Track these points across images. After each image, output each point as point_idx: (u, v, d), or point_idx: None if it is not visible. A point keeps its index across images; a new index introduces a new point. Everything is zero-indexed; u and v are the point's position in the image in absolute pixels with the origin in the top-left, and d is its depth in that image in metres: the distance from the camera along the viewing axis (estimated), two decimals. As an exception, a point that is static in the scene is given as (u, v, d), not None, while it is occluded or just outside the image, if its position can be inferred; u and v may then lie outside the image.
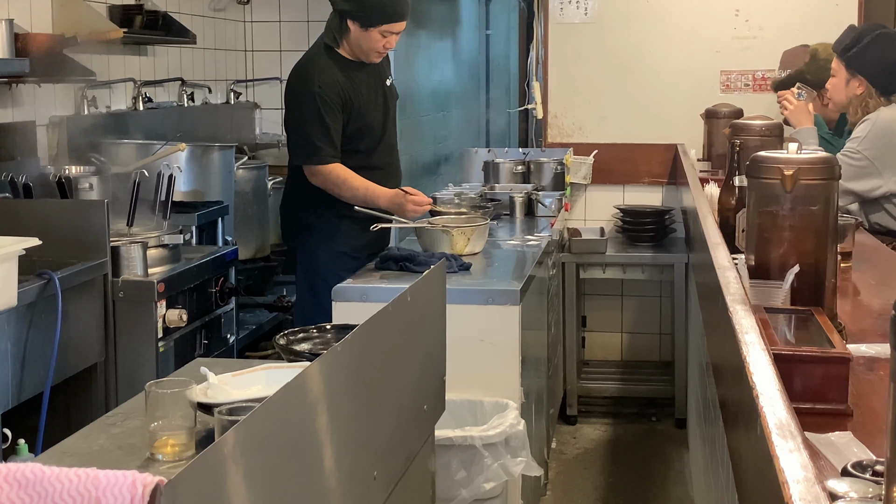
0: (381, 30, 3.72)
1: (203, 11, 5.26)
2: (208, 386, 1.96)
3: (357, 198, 3.75)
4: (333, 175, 3.74)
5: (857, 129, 3.89)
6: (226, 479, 1.27)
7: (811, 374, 1.67)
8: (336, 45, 3.79)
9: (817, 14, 5.31)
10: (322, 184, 3.76)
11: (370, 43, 3.75)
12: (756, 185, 2.18)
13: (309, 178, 3.77)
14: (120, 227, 3.45)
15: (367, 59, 3.81)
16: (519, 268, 3.63)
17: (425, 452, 2.36)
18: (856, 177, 3.80)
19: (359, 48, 3.77)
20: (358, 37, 3.74)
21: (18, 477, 1.37)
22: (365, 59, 3.82)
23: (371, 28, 3.71)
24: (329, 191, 3.76)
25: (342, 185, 3.74)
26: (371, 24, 3.71)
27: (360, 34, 3.73)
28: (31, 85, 3.74)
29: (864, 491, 1.22)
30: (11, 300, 2.69)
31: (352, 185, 3.75)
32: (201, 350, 3.58)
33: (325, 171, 3.74)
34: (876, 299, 2.58)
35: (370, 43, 3.75)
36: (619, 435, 5.10)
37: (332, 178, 3.74)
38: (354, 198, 3.75)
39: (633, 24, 5.51)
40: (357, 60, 3.82)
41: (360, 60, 3.82)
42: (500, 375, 3.19)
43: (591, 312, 5.68)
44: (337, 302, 3.24)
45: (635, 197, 5.62)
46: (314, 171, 3.75)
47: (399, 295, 2.06)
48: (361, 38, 3.74)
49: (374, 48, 3.77)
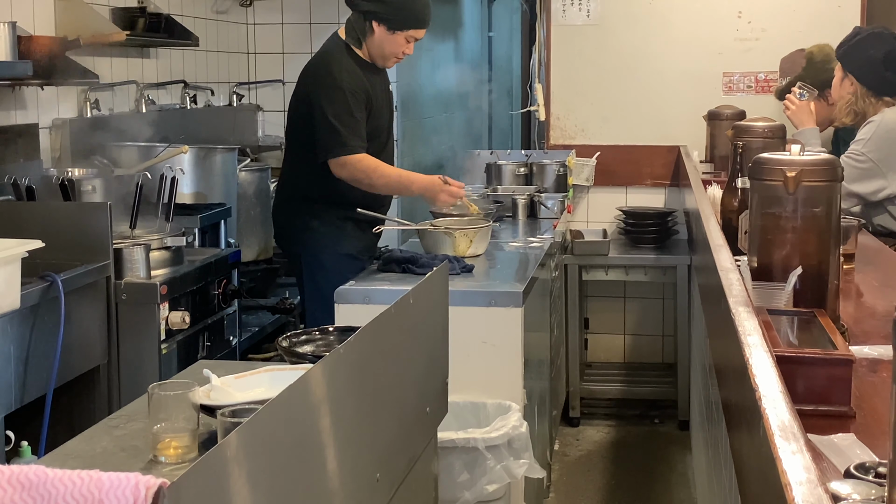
0: (407, 35, 3.74)
1: (206, 14, 5.27)
2: (211, 388, 1.96)
3: (390, 185, 3.76)
4: (364, 164, 3.70)
5: (862, 131, 3.88)
6: (229, 481, 1.27)
7: (814, 375, 1.67)
8: (358, 46, 3.78)
9: (820, 15, 5.31)
10: (351, 174, 3.70)
11: (393, 47, 3.76)
12: (759, 187, 2.18)
13: (337, 171, 3.70)
14: (123, 229, 3.45)
15: (384, 62, 3.82)
16: (521, 270, 3.63)
17: (428, 454, 2.36)
18: (860, 179, 3.79)
19: (380, 51, 3.78)
20: (382, 39, 3.74)
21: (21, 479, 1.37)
22: (381, 63, 3.83)
23: (398, 32, 3.73)
24: (358, 182, 3.71)
25: (373, 173, 3.71)
26: (400, 27, 3.72)
27: (386, 37, 3.74)
28: (33, 87, 3.74)
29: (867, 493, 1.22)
30: (14, 302, 2.69)
31: (384, 172, 3.74)
32: (204, 352, 3.58)
33: (355, 160, 3.69)
34: (879, 301, 2.57)
35: (393, 47, 3.76)
36: (621, 437, 5.09)
37: (362, 167, 3.70)
38: (387, 185, 3.75)
39: (635, 26, 5.51)
40: (371, 63, 3.82)
41: (373, 64, 3.82)
42: (502, 377, 3.19)
43: (593, 314, 5.68)
44: (339, 304, 3.24)
45: (638, 199, 5.62)
46: (345, 162, 3.69)
47: (402, 297, 2.06)
48: (385, 42, 3.75)
49: (395, 52, 3.78)
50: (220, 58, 5.44)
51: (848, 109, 3.95)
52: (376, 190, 3.76)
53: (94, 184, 3.57)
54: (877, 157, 3.81)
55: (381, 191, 3.77)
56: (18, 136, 3.67)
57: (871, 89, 3.91)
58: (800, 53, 4.85)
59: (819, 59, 4.68)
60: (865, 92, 3.92)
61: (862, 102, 3.93)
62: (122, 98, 4.44)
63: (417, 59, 6.05)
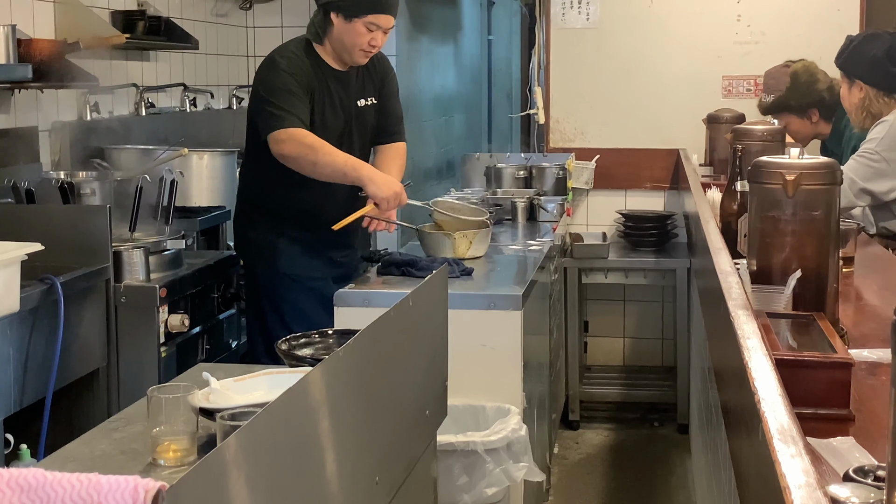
0: (366, 21, 3.46)
1: (205, 17, 5.27)
2: (210, 391, 1.96)
3: (336, 164, 3.42)
4: (309, 139, 3.41)
5: (874, 131, 3.85)
6: (227, 484, 1.27)
7: (813, 379, 1.67)
8: (319, 42, 3.57)
9: (819, 19, 5.32)
10: (295, 150, 3.40)
11: (353, 37, 3.49)
12: (758, 190, 2.18)
13: (278, 151, 3.42)
14: (122, 232, 3.46)
15: (352, 58, 3.56)
16: (521, 273, 3.63)
17: (427, 458, 2.35)
18: (873, 178, 3.77)
19: (341, 44, 3.53)
20: (341, 30, 3.50)
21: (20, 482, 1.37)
22: (349, 60, 3.57)
23: (355, 19, 3.47)
24: (302, 158, 3.40)
25: (320, 150, 3.40)
26: (356, 13, 3.47)
27: (344, 27, 3.49)
28: (33, 91, 3.74)
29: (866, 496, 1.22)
30: (14, 305, 2.69)
31: (330, 151, 3.42)
32: (203, 355, 3.58)
33: (298, 133, 3.40)
34: (878, 304, 2.57)
35: (353, 37, 3.49)
36: (621, 440, 5.09)
37: (308, 142, 3.40)
38: (332, 164, 3.41)
39: (634, 30, 5.52)
40: (334, 69, 3.60)
41: (339, 70, 3.61)
42: (502, 380, 3.19)
43: (593, 317, 5.68)
44: (339, 307, 3.24)
45: (637, 202, 5.62)
46: (287, 137, 3.40)
47: (401, 300, 2.06)
48: (344, 32, 3.50)
49: (357, 44, 3.49)
50: (220, 61, 5.44)
51: (864, 114, 3.93)
52: (318, 171, 3.42)
53: (93, 187, 3.57)
54: (889, 157, 3.78)
55: (324, 171, 3.42)
56: (18, 139, 3.68)
57: (882, 89, 3.89)
58: (784, 69, 4.81)
59: (804, 80, 4.66)
60: (877, 93, 3.90)
61: (876, 104, 3.90)
62: (121, 101, 4.44)
63: (417, 63, 6.06)
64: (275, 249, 3.61)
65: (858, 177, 3.74)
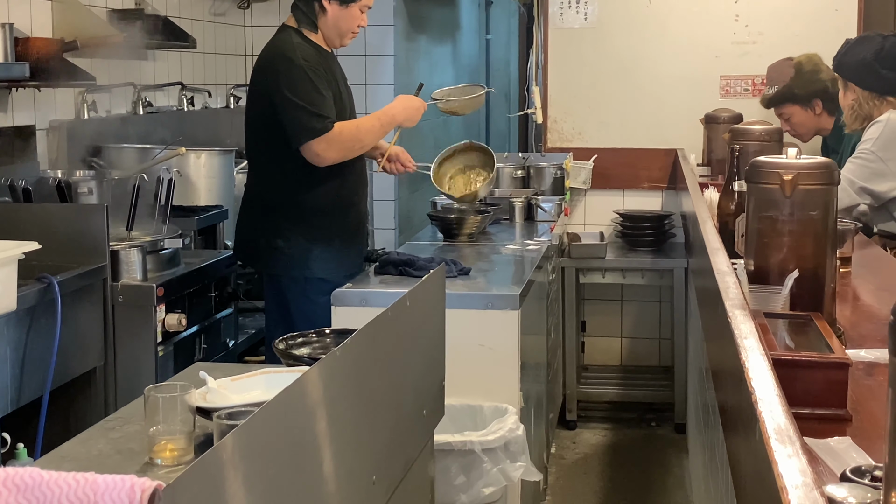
0: (361, 4, 3.62)
1: (203, 16, 5.27)
2: (207, 390, 1.96)
3: (375, 130, 3.65)
4: (346, 132, 3.54)
5: (869, 131, 3.86)
6: (224, 483, 1.27)
7: (810, 379, 1.67)
8: (313, 31, 3.63)
9: (817, 19, 5.32)
10: (339, 151, 3.52)
11: (349, 22, 3.62)
12: (755, 190, 2.18)
13: (321, 154, 3.49)
14: (119, 231, 3.46)
15: (342, 41, 3.68)
16: (518, 273, 3.63)
17: (424, 457, 2.35)
18: (872, 178, 3.78)
19: (336, 30, 3.63)
20: (337, 16, 3.60)
21: (17, 481, 1.37)
22: (339, 43, 3.68)
23: (352, 4, 3.59)
24: (349, 152, 3.55)
25: (358, 133, 3.59)
26: None
27: (340, 13, 3.60)
28: (31, 89, 3.74)
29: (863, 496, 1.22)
30: (11, 304, 2.69)
31: (364, 126, 3.64)
32: (200, 354, 3.58)
33: (336, 134, 3.49)
34: (875, 304, 2.57)
35: (349, 22, 3.62)
36: (618, 440, 5.09)
37: (347, 136, 3.54)
38: (374, 132, 3.64)
39: (632, 30, 5.52)
40: (327, 52, 3.68)
41: (329, 53, 3.69)
42: (499, 380, 3.19)
43: (590, 317, 5.68)
44: (336, 306, 3.24)
45: (635, 202, 5.62)
46: (325, 144, 3.48)
47: (398, 299, 2.06)
48: (341, 18, 3.61)
49: (351, 27, 3.64)
50: (218, 60, 5.44)
51: (854, 115, 3.94)
52: (367, 145, 3.64)
53: (90, 186, 3.57)
54: (885, 157, 3.79)
55: (371, 141, 3.65)
56: (15, 138, 3.67)
57: (872, 91, 3.90)
58: (787, 62, 4.83)
59: (808, 69, 4.68)
60: (868, 95, 3.91)
61: (867, 106, 3.91)
62: (119, 100, 4.44)
63: (415, 62, 6.06)
64: (308, 256, 3.59)
65: (857, 177, 3.75)
